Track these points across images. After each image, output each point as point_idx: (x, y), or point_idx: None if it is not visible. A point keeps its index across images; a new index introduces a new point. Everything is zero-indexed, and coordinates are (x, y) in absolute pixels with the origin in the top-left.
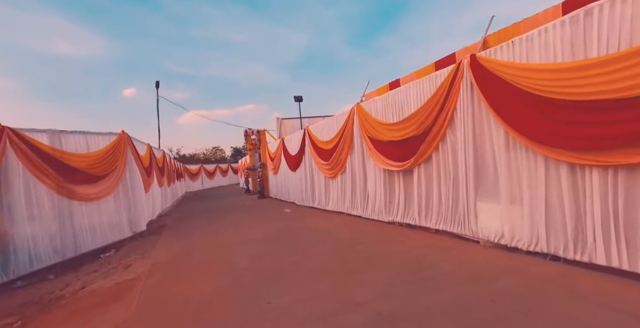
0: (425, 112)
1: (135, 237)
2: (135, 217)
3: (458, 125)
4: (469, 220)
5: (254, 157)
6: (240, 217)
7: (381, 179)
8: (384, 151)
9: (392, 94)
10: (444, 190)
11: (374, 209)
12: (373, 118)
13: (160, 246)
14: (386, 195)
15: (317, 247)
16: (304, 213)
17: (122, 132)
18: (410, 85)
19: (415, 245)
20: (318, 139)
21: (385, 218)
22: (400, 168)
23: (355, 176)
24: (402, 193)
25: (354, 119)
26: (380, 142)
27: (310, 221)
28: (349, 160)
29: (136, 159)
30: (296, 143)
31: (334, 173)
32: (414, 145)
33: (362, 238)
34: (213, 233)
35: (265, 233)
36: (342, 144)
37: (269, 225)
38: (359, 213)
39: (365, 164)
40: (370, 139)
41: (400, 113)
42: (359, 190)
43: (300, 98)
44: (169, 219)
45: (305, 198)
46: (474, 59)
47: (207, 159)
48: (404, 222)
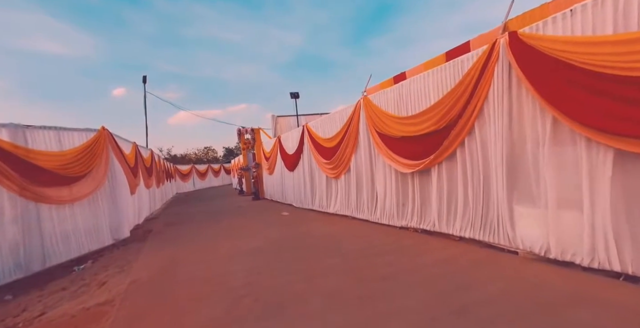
0: (448, 103)
1: (117, 245)
2: (117, 223)
3: (490, 116)
4: (503, 227)
5: (247, 156)
6: (233, 221)
7: (392, 179)
8: (396, 148)
9: (406, 84)
10: (470, 192)
11: (383, 213)
12: (383, 111)
13: (143, 257)
14: (398, 197)
15: (325, 261)
16: (303, 217)
17: (102, 128)
18: (428, 73)
19: (442, 256)
20: (319, 136)
21: (397, 223)
22: (416, 167)
23: (362, 176)
24: (417, 195)
25: (360, 114)
26: (392, 139)
27: (312, 226)
28: (353, 158)
29: (119, 158)
30: (294, 141)
31: (337, 173)
32: (434, 141)
33: (376, 248)
34: (204, 240)
35: (262, 241)
36: (346, 141)
37: (266, 230)
38: (365, 216)
39: (373, 162)
40: (379, 135)
41: (417, 105)
42: (365, 192)
43: (296, 94)
44: (157, 223)
45: (304, 200)
46: (514, 37)
47: (199, 159)
48: (420, 227)
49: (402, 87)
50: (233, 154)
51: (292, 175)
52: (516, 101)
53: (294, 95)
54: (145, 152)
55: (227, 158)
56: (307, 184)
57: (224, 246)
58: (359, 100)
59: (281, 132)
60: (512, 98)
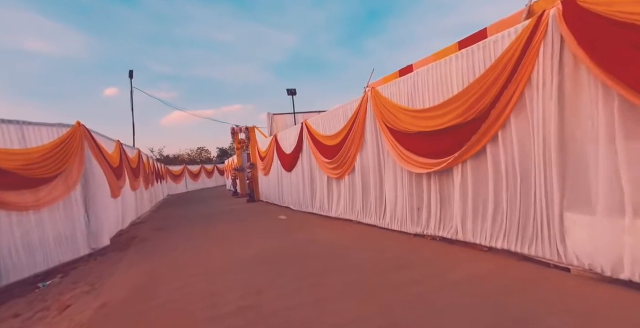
0: (477, 92)
1: (95, 254)
2: (95, 229)
3: (533, 105)
4: (549, 238)
5: (241, 156)
6: (227, 226)
7: (404, 180)
8: (410, 145)
9: (423, 73)
10: (504, 195)
11: (394, 218)
12: (395, 104)
13: (122, 270)
14: (412, 200)
15: (334, 276)
16: (303, 221)
17: (77, 123)
18: (451, 58)
19: (475, 272)
20: (319, 133)
21: (411, 230)
22: (435, 167)
23: (368, 176)
24: (436, 199)
25: (368, 107)
26: (406, 135)
27: (314, 232)
28: (358, 157)
29: (99, 157)
30: (292, 139)
31: (340, 174)
32: (458, 136)
33: (392, 260)
34: (193, 249)
35: (260, 250)
36: (351, 138)
37: (263, 237)
38: (373, 221)
39: (382, 161)
40: (390, 131)
41: (436, 96)
42: (373, 194)
43: (293, 91)
44: (143, 229)
45: (302, 202)
46: (571, 5)
47: (191, 159)
48: (439, 234)
49: (418, 75)
50: (227, 154)
51: (289, 176)
52: (570, 83)
53: (291, 92)
54: (132, 151)
55: (220, 158)
56: (306, 186)
57: (216, 256)
58: (365, 92)
59: (277, 130)
60: (565, 81)
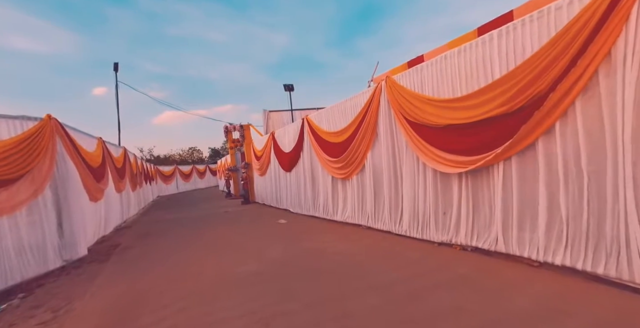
0: (529, 73)
1: (68, 268)
2: (69, 238)
3: (617, 85)
4: (629, 255)
5: (235, 156)
6: (221, 231)
7: (427, 180)
8: (437, 141)
9: (452, 56)
10: (564, 200)
11: (413, 223)
12: (417, 94)
13: (96, 289)
14: (437, 203)
15: (358, 301)
16: (306, 226)
17: (47, 116)
18: (492, 35)
19: (539, 296)
20: (323, 130)
21: (435, 238)
22: (469, 166)
23: (381, 176)
24: (467, 202)
25: (381, 99)
26: (431, 128)
27: (321, 239)
28: (369, 155)
29: (74, 156)
30: (291, 137)
31: (347, 174)
32: (502, 128)
33: (422, 278)
34: (183, 260)
35: (260, 263)
36: (361, 134)
37: (263, 245)
38: (387, 227)
39: (399, 158)
40: (411, 125)
41: (470, 82)
42: (387, 196)
43: (290, 87)
44: (128, 235)
45: (303, 205)
46: None
47: (183, 160)
48: (471, 244)
49: (446, 60)
50: (219, 154)
51: (288, 177)
52: None
53: (288, 88)
54: (117, 150)
55: (212, 159)
56: (307, 187)
57: (210, 271)
58: (379, 82)
59: (274, 128)
60: None
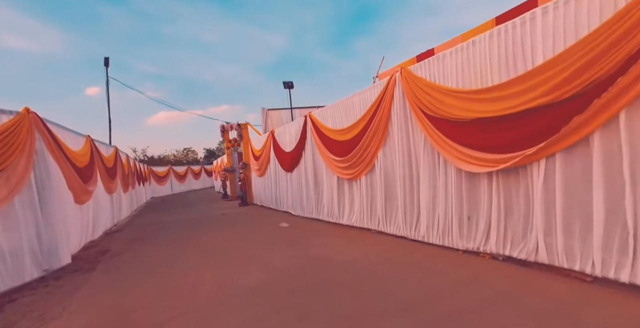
0: (586, 55)
1: (48, 278)
2: (50, 245)
3: None
4: None
5: (232, 156)
6: (219, 236)
7: (449, 181)
8: (462, 137)
9: (483, 41)
10: (632, 207)
11: (432, 228)
12: (437, 86)
13: (77, 306)
14: (460, 207)
15: (386, 324)
16: (310, 230)
17: (24, 110)
18: (534, 14)
19: (606, 321)
20: (328, 127)
21: (459, 245)
22: (502, 164)
23: (393, 176)
24: (498, 206)
25: (395, 93)
26: (455, 123)
27: (328, 245)
28: (380, 153)
29: (57, 155)
30: (292, 136)
31: (355, 174)
32: (544, 120)
33: (460, 295)
34: (179, 269)
35: (264, 273)
36: (372, 131)
37: (265, 252)
38: (401, 232)
39: (415, 157)
40: (430, 119)
41: (505, 70)
42: (401, 198)
43: (290, 84)
44: (119, 239)
45: (306, 207)
46: None
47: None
48: (504, 253)
49: (473, 46)
50: (214, 155)
51: (289, 177)
52: None
53: (288, 85)
54: (108, 149)
55: (208, 159)
56: (310, 188)
57: (208, 281)
58: (393, 74)
59: (273, 127)
60: None
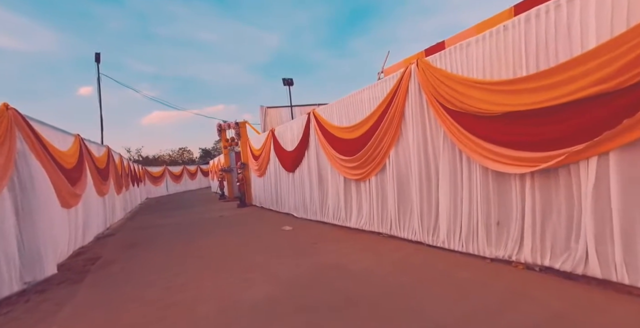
0: None
1: (29, 292)
2: (32, 254)
3: None
4: None
5: (229, 156)
6: (219, 241)
7: (475, 182)
8: (489, 133)
9: (519, 24)
10: None
11: (453, 234)
12: (458, 77)
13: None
14: (488, 210)
15: None
16: (316, 234)
17: (3, 106)
18: None
19: None
20: (333, 125)
21: (486, 252)
22: (542, 164)
23: (408, 176)
24: (533, 210)
25: (410, 86)
26: (481, 119)
27: (338, 251)
28: (392, 152)
29: (41, 155)
30: (295, 134)
31: (364, 174)
32: (596, 113)
33: (507, 317)
34: (176, 280)
35: (271, 285)
36: (383, 128)
37: (271, 259)
38: (417, 237)
39: (434, 155)
40: (452, 114)
41: (545, 56)
42: (416, 200)
43: (290, 81)
44: (111, 245)
45: (309, 209)
46: None
47: (173, 160)
48: (541, 263)
49: (505, 32)
50: (210, 154)
51: (291, 178)
52: None
53: (287, 82)
54: (100, 149)
55: (203, 159)
56: (314, 189)
57: (209, 294)
58: (407, 66)
59: (272, 125)
60: None
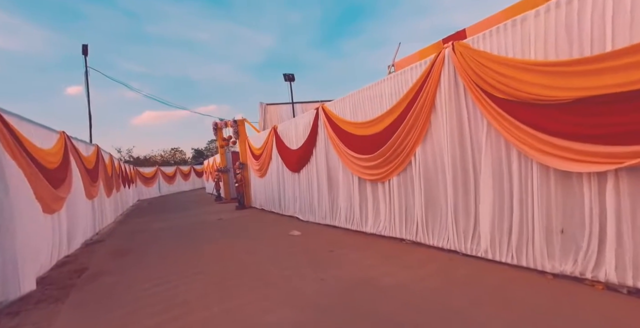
0: None
1: (1, 314)
2: (5, 269)
3: None
4: None
5: (225, 155)
6: (222, 249)
7: (529, 180)
8: (554, 124)
9: None
10: None
11: (500, 243)
12: (510, 60)
13: None
14: (548, 215)
15: None
16: (329, 240)
17: None
18: None
19: None
20: (346, 120)
21: (546, 266)
22: (633, 159)
23: (438, 174)
24: (618, 217)
25: (442, 74)
26: (539, 107)
27: (360, 262)
28: (419, 149)
29: (16, 153)
30: (300, 131)
31: (384, 174)
32: None
33: None
34: (175, 302)
35: (293, 309)
36: (409, 122)
37: (284, 273)
38: (451, 245)
39: (472, 151)
40: (498, 103)
41: (637, 29)
42: (450, 201)
43: (291, 77)
44: (100, 253)
45: (317, 211)
46: None
47: (165, 161)
48: (630, 285)
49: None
50: (203, 155)
51: (296, 178)
52: None
53: (289, 78)
54: (88, 148)
55: (196, 159)
56: (322, 190)
57: (220, 320)
58: (439, 51)
59: (272, 123)
60: None
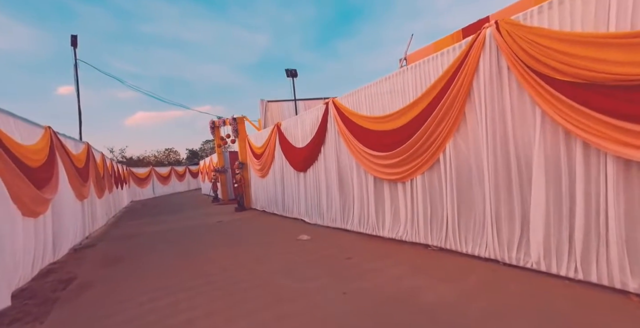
0: None
1: None
2: None
3: None
4: None
5: (223, 155)
6: (225, 256)
7: (602, 182)
8: None
9: None
10: None
11: (557, 252)
12: (584, 34)
13: None
14: (618, 222)
15: None
16: (343, 246)
17: None
18: None
19: None
20: (361, 115)
21: (628, 284)
22: None
23: (472, 174)
24: None
25: (480, 58)
26: (622, 91)
27: (385, 273)
28: (449, 144)
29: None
30: (307, 128)
31: (406, 173)
32: None
33: None
34: (176, 320)
35: None
36: (440, 114)
37: (301, 286)
38: (491, 254)
39: (516, 145)
40: (560, 88)
41: None
42: (489, 205)
43: (294, 72)
44: (89, 261)
45: (326, 214)
46: None
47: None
48: None
49: None
50: (197, 156)
51: (302, 178)
52: None
53: (291, 73)
54: (78, 146)
55: (191, 160)
56: (332, 191)
57: None
58: (479, 32)
59: (273, 121)
60: None
